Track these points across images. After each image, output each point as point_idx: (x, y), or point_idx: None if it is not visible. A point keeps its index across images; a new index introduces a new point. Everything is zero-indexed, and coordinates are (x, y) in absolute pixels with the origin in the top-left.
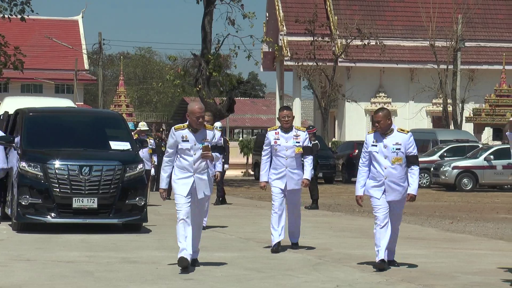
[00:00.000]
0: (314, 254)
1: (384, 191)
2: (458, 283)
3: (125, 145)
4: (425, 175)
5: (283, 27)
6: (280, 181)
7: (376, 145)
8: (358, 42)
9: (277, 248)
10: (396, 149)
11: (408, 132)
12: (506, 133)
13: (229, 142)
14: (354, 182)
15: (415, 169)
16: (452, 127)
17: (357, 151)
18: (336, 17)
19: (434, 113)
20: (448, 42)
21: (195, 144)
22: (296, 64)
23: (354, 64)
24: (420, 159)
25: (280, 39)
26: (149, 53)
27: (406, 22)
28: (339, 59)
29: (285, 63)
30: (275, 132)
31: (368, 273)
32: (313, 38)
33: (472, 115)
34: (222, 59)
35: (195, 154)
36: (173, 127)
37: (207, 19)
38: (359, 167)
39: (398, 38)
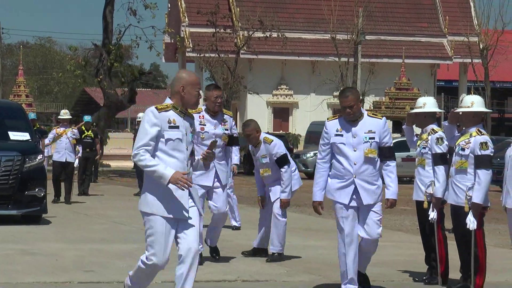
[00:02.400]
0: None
1: (353, 194)
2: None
3: (24, 136)
4: None
5: (185, 18)
6: (205, 178)
7: (341, 135)
8: (260, 34)
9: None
10: (370, 138)
11: (382, 117)
12: (403, 126)
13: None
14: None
15: (391, 165)
16: None
17: None
18: (238, 9)
19: (335, 106)
20: (349, 35)
21: (186, 134)
22: (198, 55)
23: (256, 56)
24: None
25: (182, 30)
26: (49, 43)
27: (307, 14)
28: (241, 51)
29: (187, 54)
30: (200, 116)
31: (268, 264)
32: (215, 30)
33: (372, 108)
34: (123, 49)
35: (187, 149)
36: (153, 107)
37: (108, 9)
38: (317, 164)
39: (300, 31)
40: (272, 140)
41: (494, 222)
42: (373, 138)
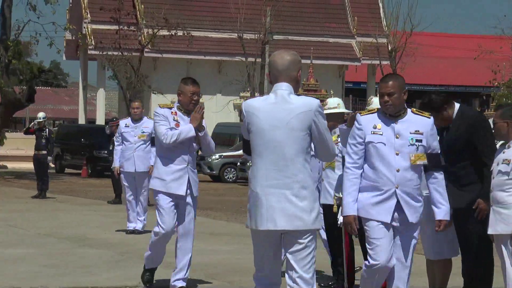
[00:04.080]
0: (116, 250)
1: (395, 210)
2: None
3: None
4: (232, 169)
5: (87, 14)
6: (178, 184)
7: (380, 133)
8: (165, 32)
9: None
10: (416, 140)
11: (430, 115)
12: (343, 127)
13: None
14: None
15: (440, 178)
16: None
17: None
18: (142, 6)
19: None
20: (256, 35)
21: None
22: (101, 53)
23: (161, 55)
24: (227, 154)
25: (84, 27)
26: None
27: (214, 13)
28: (146, 50)
29: (89, 52)
30: (172, 112)
31: (171, 270)
32: (119, 27)
33: None
34: (22, 46)
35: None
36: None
37: (6, 3)
38: (345, 170)
39: (206, 30)
40: None
41: None
42: (421, 141)
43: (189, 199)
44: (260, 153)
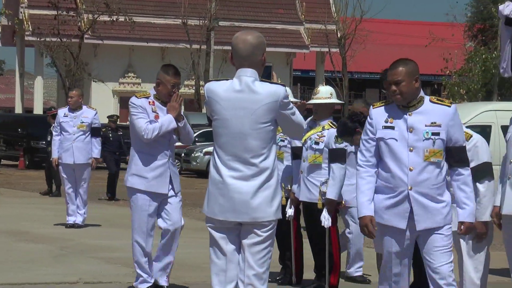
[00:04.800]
0: (56, 245)
1: (410, 213)
2: (208, 275)
3: None
4: (176, 161)
5: None
6: (160, 181)
7: (392, 126)
8: (106, 18)
9: None
10: (433, 134)
11: (451, 103)
12: None
13: None
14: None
15: (465, 174)
16: (204, 110)
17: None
18: None
19: (186, 96)
20: (201, 21)
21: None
22: (38, 39)
23: (102, 41)
24: None
25: (21, 12)
26: None
27: None
28: (85, 36)
29: (26, 38)
30: (149, 101)
31: (113, 265)
32: (57, 12)
33: None
34: None
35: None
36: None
37: None
38: (358, 168)
39: (149, 15)
40: None
41: None
42: (438, 134)
43: (172, 195)
44: (223, 143)
